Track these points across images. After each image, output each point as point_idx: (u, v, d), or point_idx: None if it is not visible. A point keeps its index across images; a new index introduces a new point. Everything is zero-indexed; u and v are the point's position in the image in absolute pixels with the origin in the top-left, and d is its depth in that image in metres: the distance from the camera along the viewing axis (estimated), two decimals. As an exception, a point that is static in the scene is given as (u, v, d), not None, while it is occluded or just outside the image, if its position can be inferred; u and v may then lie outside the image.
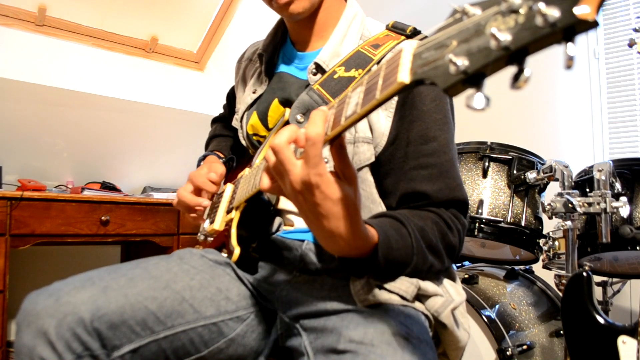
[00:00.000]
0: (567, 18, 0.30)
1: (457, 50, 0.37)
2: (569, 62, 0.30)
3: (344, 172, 0.58)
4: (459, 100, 0.81)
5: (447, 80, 0.37)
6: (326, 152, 0.59)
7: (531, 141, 2.03)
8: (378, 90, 0.47)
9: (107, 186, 2.37)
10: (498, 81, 0.36)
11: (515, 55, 0.33)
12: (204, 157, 1.15)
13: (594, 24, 0.30)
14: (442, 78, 0.38)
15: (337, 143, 0.57)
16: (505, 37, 0.33)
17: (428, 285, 0.83)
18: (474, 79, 0.36)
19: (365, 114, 0.50)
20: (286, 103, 0.96)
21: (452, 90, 0.37)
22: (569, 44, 0.31)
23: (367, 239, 0.63)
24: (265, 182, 0.64)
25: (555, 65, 2.50)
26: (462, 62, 0.36)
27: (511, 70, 0.35)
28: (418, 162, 0.82)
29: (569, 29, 0.30)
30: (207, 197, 1.00)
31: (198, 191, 1.00)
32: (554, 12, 0.30)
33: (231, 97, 1.28)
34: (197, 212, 0.99)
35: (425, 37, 0.63)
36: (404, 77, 0.43)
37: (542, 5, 0.31)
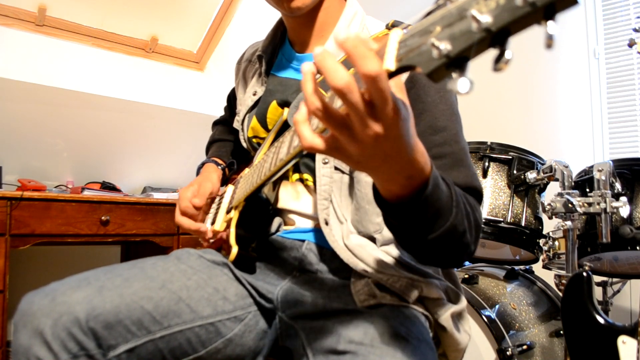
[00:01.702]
0: None
1: (440, 35, 0.37)
2: (549, 42, 0.30)
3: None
4: (460, 100, 0.80)
5: (430, 65, 0.37)
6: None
7: (531, 141, 2.02)
8: None
9: (107, 186, 2.37)
10: (498, 81, 0.35)
11: (497, 37, 0.33)
12: (202, 165, 1.15)
13: (573, 2, 0.29)
14: (426, 63, 0.38)
15: None
16: (486, 19, 0.32)
17: (430, 289, 0.82)
18: (457, 62, 0.36)
19: None
20: (284, 104, 0.96)
21: (436, 75, 0.37)
22: (550, 22, 0.30)
23: (424, 164, 0.56)
24: (317, 141, 0.51)
25: (555, 65, 2.49)
26: (445, 46, 0.36)
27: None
28: (430, 154, 0.78)
29: (549, 7, 0.30)
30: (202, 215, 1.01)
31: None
32: None
33: (232, 98, 1.28)
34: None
35: None
36: (390, 64, 0.43)
37: (521, -15, 0.30)
